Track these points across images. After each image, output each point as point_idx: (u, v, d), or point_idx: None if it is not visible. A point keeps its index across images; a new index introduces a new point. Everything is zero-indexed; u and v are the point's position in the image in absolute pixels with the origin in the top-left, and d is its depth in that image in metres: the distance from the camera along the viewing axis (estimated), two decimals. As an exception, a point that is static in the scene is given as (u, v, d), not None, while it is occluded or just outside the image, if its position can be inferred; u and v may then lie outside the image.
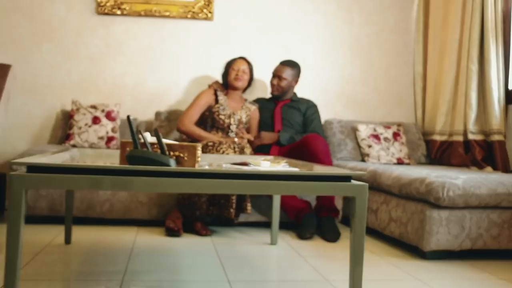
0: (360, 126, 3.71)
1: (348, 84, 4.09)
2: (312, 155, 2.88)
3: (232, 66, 3.41)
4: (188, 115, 3.26)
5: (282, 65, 3.52)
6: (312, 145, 2.90)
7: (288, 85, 3.53)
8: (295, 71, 3.54)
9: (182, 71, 3.89)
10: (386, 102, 4.15)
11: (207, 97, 3.35)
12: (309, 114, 3.50)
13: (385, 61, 4.14)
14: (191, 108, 3.29)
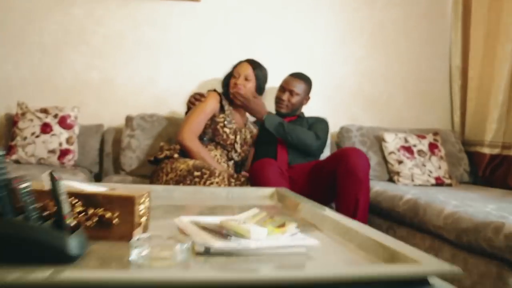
0: (387, 135, 2.91)
1: (368, 81, 3.29)
2: (350, 172, 2.12)
3: (233, 72, 2.68)
4: (191, 126, 2.46)
5: (294, 78, 2.79)
6: (352, 159, 2.13)
7: (299, 103, 2.79)
8: (308, 86, 2.82)
9: (161, 64, 3.09)
10: (415, 104, 3.35)
11: (214, 103, 2.57)
12: (314, 124, 2.74)
13: (414, 52, 3.34)
14: (195, 117, 2.49)
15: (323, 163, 2.24)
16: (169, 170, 2.26)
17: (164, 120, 2.88)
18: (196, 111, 2.50)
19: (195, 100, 2.59)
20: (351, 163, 2.08)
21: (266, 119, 2.55)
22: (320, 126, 2.66)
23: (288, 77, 2.82)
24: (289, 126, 2.55)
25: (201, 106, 2.52)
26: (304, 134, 2.53)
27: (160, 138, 2.82)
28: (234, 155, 2.57)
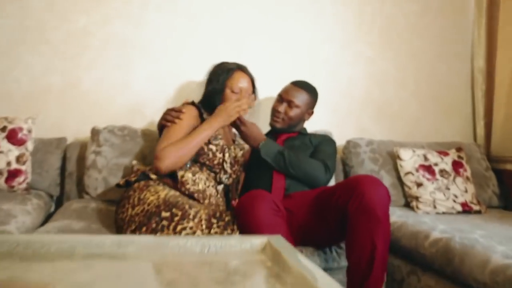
0: (403, 152, 2.44)
1: (377, 86, 2.83)
2: (365, 209, 1.64)
3: (230, 84, 2.16)
4: (168, 149, 1.90)
5: (295, 87, 2.29)
6: (369, 192, 1.65)
7: (299, 117, 2.30)
8: (311, 98, 2.31)
9: (135, 66, 2.61)
10: (431, 113, 2.90)
11: (192, 117, 2.07)
12: (321, 145, 2.26)
13: (431, 52, 2.88)
14: (171, 137, 1.95)
15: (330, 193, 1.77)
16: (136, 202, 1.79)
17: (137, 133, 2.41)
18: (170, 131, 2.00)
19: (172, 117, 2.07)
20: (367, 197, 1.62)
21: (262, 147, 2.07)
22: (329, 150, 2.19)
23: (288, 85, 2.34)
24: (291, 156, 2.07)
25: (177, 125, 2.01)
26: (310, 165, 2.06)
27: (133, 155, 2.34)
28: (223, 178, 2.10)
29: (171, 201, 1.69)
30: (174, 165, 1.89)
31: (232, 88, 2.15)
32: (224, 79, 2.16)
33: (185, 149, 1.90)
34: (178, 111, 2.07)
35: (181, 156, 1.89)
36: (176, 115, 2.05)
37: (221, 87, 2.16)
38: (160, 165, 1.86)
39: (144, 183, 1.90)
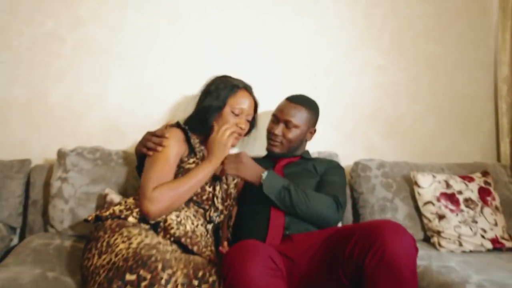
0: (421, 178, 2.10)
1: (389, 98, 2.49)
2: (388, 267, 1.29)
3: (232, 103, 1.87)
4: (162, 191, 1.60)
5: (291, 104, 1.98)
6: (392, 245, 1.30)
7: (300, 138, 1.99)
8: (312, 114, 2.00)
9: (111, 76, 2.27)
10: (450, 128, 2.56)
11: (177, 143, 1.74)
12: (328, 174, 1.92)
13: (449, 60, 2.54)
14: (158, 172, 1.65)
15: (343, 240, 1.42)
16: (104, 248, 1.46)
17: (111, 156, 2.06)
18: (155, 163, 1.67)
19: (155, 145, 1.72)
20: (390, 252, 1.27)
21: (264, 182, 1.72)
22: (339, 182, 1.86)
23: (284, 102, 2.01)
24: (298, 192, 1.72)
25: (161, 154, 1.69)
26: (320, 203, 1.71)
27: (106, 183, 1.99)
28: (213, 215, 1.77)
29: (142, 254, 1.34)
30: (167, 209, 1.60)
31: (232, 108, 1.84)
32: (227, 96, 1.85)
33: (181, 192, 1.62)
34: (160, 136, 1.73)
35: (176, 201, 1.61)
36: (158, 141, 1.71)
37: (221, 103, 1.84)
38: (151, 208, 1.56)
39: (118, 222, 1.56)
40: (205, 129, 1.85)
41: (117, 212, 1.62)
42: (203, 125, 1.85)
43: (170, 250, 1.47)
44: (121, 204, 1.67)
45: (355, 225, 1.47)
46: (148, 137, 1.76)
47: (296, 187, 1.73)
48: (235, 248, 1.36)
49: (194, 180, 1.64)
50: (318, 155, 2.26)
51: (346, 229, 1.48)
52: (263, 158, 2.11)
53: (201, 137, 1.88)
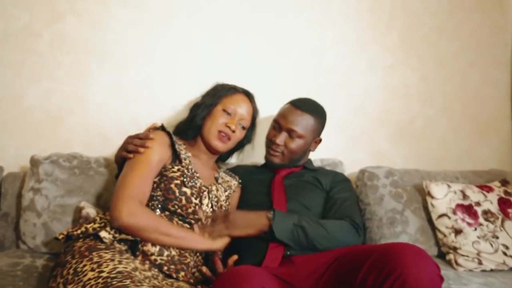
0: (435, 188, 1.89)
1: (398, 100, 2.29)
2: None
3: (226, 101, 1.70)
4: (130, 192, 1.42)
5: (296, 110, 1.77)
6: (415, 275, 1.10)
7: (304, 149, 1.79)
8: (318, 123, 1.80)
9: (92, 75, 2.07)
10: (464, 132, 2.35)
11: (162, 146, 1.55)
12: (337, 191, 1.73)
13: (462, 59, 2.34)
14: (134, 176, 1.46)
15: (353, 266, 1.20)
16: (70, 277, 1.24)
17: (90, 164, 1.85)
18: (135, 166, 1.48)
19: (136, 147, 1.53)
20: (411, 282, 1.07)
21: (275, 226, 1.48)
22: (350, 197, 1.69)
23: (287, 107, 1.80)
24: (312, 226, 1.50)
25: (143, 157, 1.50)
26: (338, 230, 1.51)
27: (83, 195, 1.78)
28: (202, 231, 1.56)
29: (113, 285, 1.12)
30: (137, 230, 1.38)
31: (225, 106, 1.66)
32: (222, 95, 1.69)
33: (148, 232, 1.40)
34: (144, 138, 1.53)
35: (149, 230, 1.40)
36: (141, 143, 1.51)
37: (215, 101, 1.68)
38: (124, 218, 1.36)
39: (89, 244, 1.35)
40: (193, 128, 1.68)
41: (90, 230, 1.41)
42: (191, 124, 1.69)
43: (150, 276, 1.27)
44: (95, 221, 1.46)
45: (369, 247, 1.26)
46: (130, 140, 1.57)
47: (307, 219, 1.52)
48: (223, 278, 1.15)
49: (180, 234, 1.44)
50: (321, 162, 2.06)
51: (359, 251, 1.26)
52: (261, 167, 1.90)
53: (190, 143, 1.69)
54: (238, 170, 1.88)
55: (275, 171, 1.79)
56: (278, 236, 1.47)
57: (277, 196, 1.64)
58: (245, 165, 1.95)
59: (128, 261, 1.26)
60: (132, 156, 1.51)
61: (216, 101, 1.69)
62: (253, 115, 1.76)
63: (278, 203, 1.62)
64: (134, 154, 1.51)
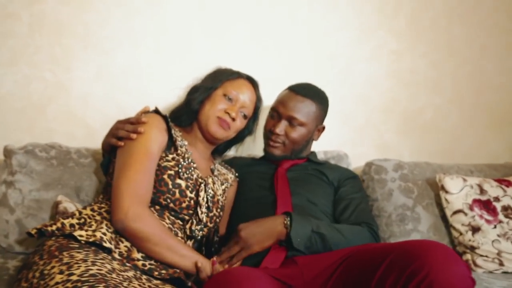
0: (449, 181, 1.74)
1: (405, 89, 2.14)
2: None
3: (228, 85, 1.53)
4: (134, 190, 1.26)
5: (296, 96, 1.62)
6: (443, 277, 0.93)
7: (306, 138, 1.63)
8: (321, 109, 1.66)
9: (75, 60, 1.91)
10: (476, 124, 2.20)
11: (159, 135, 1.38)
12: (348, 190, 1.58)
13: (474, 45, 2.20)
14: (135, 170, 1.29)
15: (368, 266, 1.03)
16: (36, 281, 1.07)
17: (70, 155, 1.69)
18: (134, 158, 1.30)
19: (128, 133, 1.36)
20: (440, 284, 0.90)
21: (293, 233, 1.31)
22: (363, 199, 1.57)
23: (287, 93, 1.65)
24: (330, 233, 1.34)
25: (140, 145, 1.33)
26: (356, 236, 1.35)
27: (62, 188, 1.61)
28: (195, 229, 1.39)
29: (88, 287, 0.96)
30: (143, 239, 1.22)
31: (227, 91, 1.49)
32: (223, 79, 1.53)
33: (152, 243, 1.24)
34: (135, 122, 1.37)
35: (143, 240, 1.23)
36: (133, 128, 1.35)
37: (215, 84, 1.51)
38: (130, 222, 1.21)
39: (61, 242, 1.18)
40: (189, 113, 1.51)
41: (68, 226, 1.25)
42: (187, 108, 1.52)
43: (130, 277, 1.10)
44: (73, 216, 1.29)
45: (385, 245, 1.10)
46: (120, 126, 1.41)
47: (325, 225, 1.37)
48: (213, 282, 0.98)
49: (184, 252, 1.27)
50: (324, 155, 1.90)
51: (374, 249, 1.10)
52: (260, 160, 1.75)
53: (186, 130, 1.54)
54: (235, 162, 1.72)
55: (276, 163, 1.64)
56: (296, 245, 1.30)
57: (281, 190, 1.48)
58: (242, 157, 1.79)
59: (103, 262, 1.09)
60: (123, 144, 1.35)
61: (216, 85, 1.52)
62: (256, 104, 1.59)
63: (282, 198, 1.46)
64: (125, 141, 1.35)
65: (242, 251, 1.33)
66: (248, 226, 1.34)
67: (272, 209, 1.44)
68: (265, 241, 1.33)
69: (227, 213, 1.60)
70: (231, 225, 1.56)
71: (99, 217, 1.27)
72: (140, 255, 1.22)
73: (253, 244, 1.32)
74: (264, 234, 1.32)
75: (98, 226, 1.22)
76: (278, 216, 1.36)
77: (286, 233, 1.32)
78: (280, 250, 1.31)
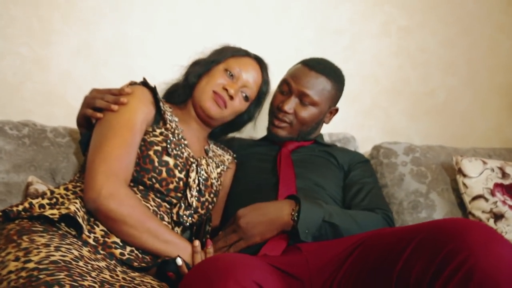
0: (467, 164, 1.58)
1: (415, 68, 2.00)
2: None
3: (231, 61, 1.37)
4: (110, 166, 1.10)
5: (310, 71, 1.45)
6: (487, 258, 0.74)
7: (316, 120, 1.47)
8: (337, 89, 1.50)
9: (55, 34, 1.73)
10: (491, 106, 2.07)
11: (144, 106, 1.22)
12: (359, 174, 1.43)
13: (490, 23, 2.05)
14: (114, 144, 1.13)
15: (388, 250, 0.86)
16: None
17: (46, 133, 1.51)
18: (113, 131, 1.14)
19: (108, 103, 1.20)
20: (484, 269, 0.74)
21: (301, 225, 1.13)
22: (375, 184, 1.42)
23: (300, 68, 1.48)
24: (343, 222, 1.17)
25: (121, 117, 1.17)
26: (371, 225, 1.18)
27: (35, 170, 1.44)
28: (183, 214, 1.22)
29: (41, 281, 0.79)
30: (119, 221, 1.05)
31: (229, 66, 1.33)
32: (228, 55, 1.39)
33: (129, 226, 1.06)
34: (117, 93, 1.21)
35: (120, 222, 1.06)
36: (114, 99, 1.18)
37: (217, 59, 1.36)
38: (104, 201, 1.04)
39: (23, 226, 1.01)
40: (185, 87, 1.36)
41: (37, 207, 1.07)
42: (184, 82, 1.36)
43: (101, 268, 0.93)
44: (44, 196, 1.11)
45: (409, 226, 0.92)
46: (97, 95, 1.24)
47: (336, 211, 1.21)
48: (197, 269, 0.81)
49: (169, 238, 1.10)
50: (329, 138, 1.74)
51: (395, 232, 0.93)
52: (261, 140, 1.58)
53: (179, 107, 1.38)
54: (233, 143, 1.55)
55: (280, 144, 1.48)
56: (303, 237, 1.13)
57: (284, 172, 1.32)
58: (241, 138, 1.63)
59: (70, 248, 0.91)
60: (102, 115, 1.18)
61: (219, 59, 1.36)
62: (262, 88, 1.42)
63: (285, 180, 1.30)
64: (104, 113, 1.18)
65: (241, 241, 1.16)
66: (249, 214, 1.16)
67: (273, 193, 1.27)
68: (268, 232, 1.16)
69: (223, 200, 1.43)
70: (227, 214, 1.39)
71: (73, 196, 1.10)
72: (120, 241, 1.05)
73: (254, 235, 1.15)
74: (267, 225, 1.16)
75: (71, 202, 1.05)
76: (284, 203, 1.19)
77: (293, 224, 1.15)
78: (282, 236, 1.14)
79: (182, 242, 1.11)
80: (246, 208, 1.17)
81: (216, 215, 1.41)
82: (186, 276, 0.83)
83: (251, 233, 1.15)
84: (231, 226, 1.17)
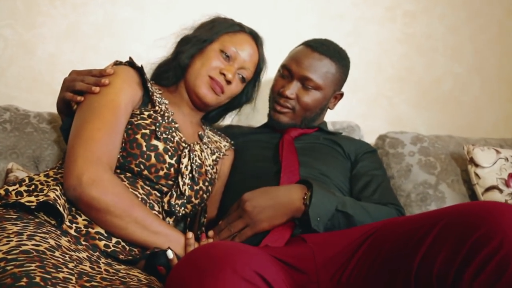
0: (479, 153, 1.50)
1: (422, 55, 1.92)
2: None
3: (226, 40, 1.26)
4: (93, 151, 0.99)
5: (313, 53, 1.35)
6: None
7: (320, 106, 1.38)
8: (341, 73, 1.40)
9: (42, 15, 1.65)
10: (500, 95, 1.99)
11: (129, 87, 1.11)
12: (368, 165, 1.34)
13: (499, 8, 1.97)
14: (97, 128, 1.03)
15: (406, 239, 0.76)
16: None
17: (29, 119, 1.41)
18: (95, 113, 1.05)
19: (89, 86, 1.10)
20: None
21: (312, 211, 1.03)
22: (385, 176, 1.34)
23: (302, 49, 1.38)
24: (357, 214, 1.07)
25: (104, 98, 1.07)
26: (383, 217, 1.07)
27: (17, 157, 1.34)
28: (175, 204, 1.12)
29: (7, 272, 0.69)
30: (102, 210, 0.95)
31: (224, 46, 1.23)
32: (222, 31, 1.27)
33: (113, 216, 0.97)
34: (99, 74, 1.11)
35: (102, 212, 0.96)
36: (95, 80, 1.08)
37: (211, 36, 1.24)
38: (85, 188, 0.94)
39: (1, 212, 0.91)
40: (176, 68, 1.24)
41: (13, 195, 0.97)
42: (174, 62, 1.25)
43: (81, 259, 0.83)
44: (22, 183, 1.01)
45: (431, 212, 0.83)
46: (77, 77, 1.14)
47: (351, 201, 1.12)
48: (188, 258, 0.71)
49: (159, 229, 1.00)
50: (333, 126, 1.65)
51: (413, 219, 0.83)
52: (261, 127, 1.49)
53: (169, 89, 1.28)
54: (230, 131, 1.46)
55: (282, 131, 1.38)
56: (315, 225, 1.03)
57: (286, 159, 1.22)
58: (239, 126, 1.53)
59: (45, 237, 0.81)
60: (82, 98, 1.08)
61: (212, 37, 1.25)
62: (259, 66, 1.32)
63: (288, 167, 1.20)
64: (85, 96, 1.09)
65: (247, 229, 1.05)
66: (256, 197, 1.06)
67: (275, 182, 1.17)
68: (277, 218, 1.06)
69: (219, 190, 1.33)
70: (224, 205, 1.29)
71: (54, 182, 1.00)
72: (104, 232, 0.95)
73: (261, 220, 1.05)
74: (276, 210, 1.05)
75: (50, 189, 0.95)
76: (295, 187, 1.09)
77: (304, 211, 1.05)
78: (286, 225, 1.05)
79: (174, 233, 1.01)
80: (253, 192, 1.07)
81: (212, 206, 1.31)
82: (175, 266, 0.73)
83: (259, 218, 1.04)
84: (236, 212, 1.07)
